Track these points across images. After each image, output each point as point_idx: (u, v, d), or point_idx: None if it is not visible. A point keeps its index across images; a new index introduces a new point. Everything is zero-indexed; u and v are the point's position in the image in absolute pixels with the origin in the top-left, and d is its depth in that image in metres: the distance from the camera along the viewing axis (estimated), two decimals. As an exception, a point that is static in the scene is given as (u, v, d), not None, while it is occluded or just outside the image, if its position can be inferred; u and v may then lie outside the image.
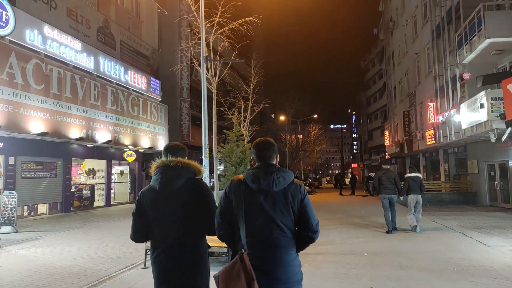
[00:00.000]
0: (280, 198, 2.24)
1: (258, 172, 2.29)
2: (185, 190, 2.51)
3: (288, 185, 2.28)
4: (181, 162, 2.59)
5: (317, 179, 50.20)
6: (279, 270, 2.18)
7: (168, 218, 2.49)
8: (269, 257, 2.19)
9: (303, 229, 2.29)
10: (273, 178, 2.25)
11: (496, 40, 12.67)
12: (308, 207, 2.32)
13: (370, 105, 57.75)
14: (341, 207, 17.64)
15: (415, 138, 24.07)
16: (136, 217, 2.60)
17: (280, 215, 2.23)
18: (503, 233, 8.95)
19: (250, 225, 2.22)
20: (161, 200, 2.51)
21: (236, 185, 2.32)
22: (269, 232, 2.21)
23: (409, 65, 25.98)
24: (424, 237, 8.74)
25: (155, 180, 2.55)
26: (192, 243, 2.51)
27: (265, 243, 2.21)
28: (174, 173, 2.53)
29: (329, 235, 9.43)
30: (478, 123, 13.22)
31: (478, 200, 17.78)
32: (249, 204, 2.24)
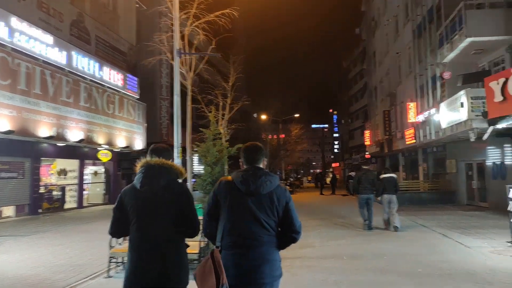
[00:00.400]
0: (266, 200, 2.39)
1: (247, 175, 2.42)
2: (166, 191, 2.56)
3: (274, 188, 2.43)
4: (165, 163, 2.64)
5: (298, 179, 50.20)
6: (262, 266, 2.32)
7: (147, 217, 2.54)
8: (253, 254, 2.33)
9: (287, 230, 2.47)
10: (261, 182, 2.39)
11: (476, 39, 12.64)
12: (292, 209, 2.48)
13: (351, 105, 58.09)
14: (322, 207, 17.43)
15: (395, 138, 24.16)
16: (116, 213, 2.65)
17: (265, 216, 2.37)
18: (482, 233, 8.83)
19: (236, 224, 2.36)
20: (141, 199, 2.55)
21: (224, 185, 2.44)
22: (254, 231, 2.35)
23: (390, 65, 26.07)
24: (404, 238, 8.53)
25: (137, 179, 2.60)
26: (168, 243, 2.53)
27: (250, 241, 2.34)
28: (156, 173, 2.58)
29: (308, 237, 9.11)
30: (458, 122, 13.18)
31: (456, 199, 17.89)
32: (237, 205, 2.38)
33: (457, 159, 17.85)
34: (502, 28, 12.44)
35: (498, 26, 12.47)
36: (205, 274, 2.26)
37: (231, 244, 2.36)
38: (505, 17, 12.44)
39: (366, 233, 9.56)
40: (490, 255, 6.58)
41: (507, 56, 13.25)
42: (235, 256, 2.32)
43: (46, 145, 16.50)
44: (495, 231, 9.08)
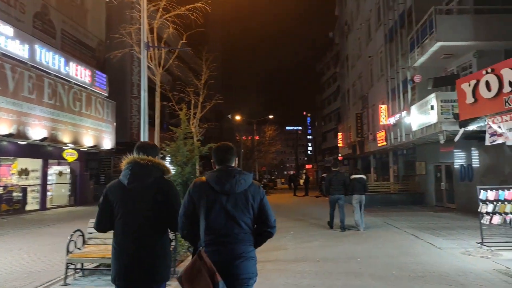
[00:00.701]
0: (241, 198, 2.43)
1: (221, 175, 2.45)
2: (153, 187, 2.61)
3: (248, 186, 2.47)
4: (151, 160, 2.68)
5: (272, 180, 50.25)
6: (238, 263, 2.37)
7: (133, 213, 2.58)
8: (230, 252, 2.37)
9: (263, 225, 2.52)
10: (236, 181, 2.43)
11: (446, 44, 12.91)
12: (267, 205, 2.53)
13: (324, 107, 58.85)
14: (295, 208, 17.34)
15: (367, 140, 24.52)
16: (102, 208, 2.68)
17: (240, 214, 2.42)
18: (452, 234, 8.94)
19: (212, 223, 2.39)
20: (128, 195, 2.60)
21: (199, 186, 2.47)
22: (230, 229, 2.39)
23: (362, 68, 26.47)
24: (377, 240, 8.50)
25: (124, 175, 2.64)
26: (155, 238, 2.60)
27: (226, 239, 2.38)
28: (143, 170, 2.63)
29: (281, 239, 8.92)
30: (428, 125, 13.41)
31: (425, 200, 18.29)
32: (212, 204, 2.40)
33: (427, 161, 18.26)
34: (470, 34, 12.77)
35: (466, 32, 12.79)
36: (194, 276, 2.26)
37: (209, 242, 2.40)
38: (473, 23, 12.79)
39: (339, 234, 9.48)
40: (461, 256, 6.60)
41: (475, 61, 13.63)
42: (213, 253, 2.36)
43: (6, 144, 15.51)
44: (464, 232, 9.22)
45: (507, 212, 6.99)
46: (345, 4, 32.66)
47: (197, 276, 2.24)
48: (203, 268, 2.24)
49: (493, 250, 6.83)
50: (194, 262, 2.30)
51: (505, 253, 6.60)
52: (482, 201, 7.12)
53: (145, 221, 2.58)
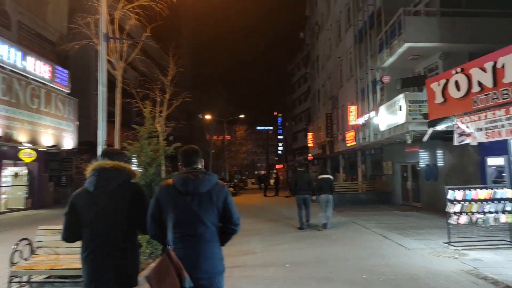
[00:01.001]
0: (206, 198, 2.52)
1: (186, 176, 2.55)
2: (120, 191, 2.65)
3: (212, 186, 2.57)
4: (118, 165, 2.71)
5: (243, 180, 49.97)
6: (204, 261, 2.45)
7: (102, 218, 2.59)
8: (195, 251, 2.45)
9: (227, 223, 2.62)
10: (200, 181, 2.53)
11: (413, 45, 13.09)
12: (231, 204, 2.64)
13: (295, 107, 59.23)
14: (265, 209, 17.12)
15: (336, 140, 24.73)
16: (68, 217, 2.66)
17: (205, 213, 2.51)
18: (420, 234, 8.98)
19: (178, 223, 2.47)
20: (95, 201, 2.61)
21: (165, 189, 2.57)
22: (195, 228, 2.48)
23: (332, 69, 26.69)
24: (347, 241, 8.38)
25: (89, 182, 2.65)
26: (125, 242, 2.62)
27: (192, 238, 2.46)
28: (109, 175, 2.65)
29: (250, 242, 8.62)
30: (396, 125, 13.56)
31: (392, 199, 18.61)
32: (178, 205, 2.50)
33: (393, 161, 18.59)
34: (437, 36, 13.02)
35: (433, 34, 13.03)
36: (162, 274, 2.33)
37: (176, 241, 2.47)
38: (439, 25, 13.04)
39: (309, 236, 9.31)
40: (429, 257, 6.56)
41: (441, 63, 13.93)
42: (180, 252, 2.43)
43: (-47, 143, 14.30)
44: (431, 231, 9.29)
45: (473, 212, 7.04)
46: (316, 4, 32.88)
47: (165, 274, 2.32)
48: (170, 266, 2.32)
49: (460, 250, 6.86)
50: (162, 260, 2.38)
51: (471, 253, 6.63)
52: (449, 201, 7.14)
53: (114, 226, 2.61)
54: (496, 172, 9.88)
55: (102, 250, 2.55)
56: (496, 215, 6.96)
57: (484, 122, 6.23)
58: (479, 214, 7.01)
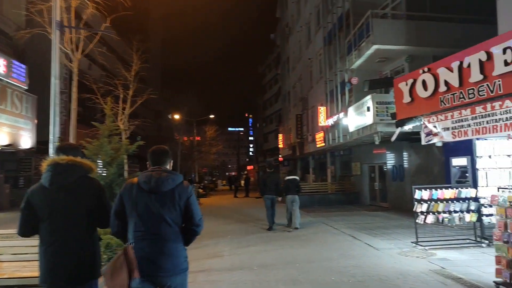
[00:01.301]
0: (169, 197, 2.54)
1: (150, 175, 2.57)
2: (78, 187, 2.63)
3: (176, 185, 2.58)
4: (72, 160, 2.68)
5: (213, 181, 49.36)
6: (166, 260, 2.46)
7: (59, 214, 2.57)
8: (157, 249, 2.46)
9: (188, 223, 2.62)
10: (163, 180, 2.55)
11: (381, 47, 13.26)
12: (193, 204, 2.64)
13: (266, 108, 59.27)
14: (235, 210, 16.83)
15: (306, 141, 24.83)
16: (24, 212, 2.65)
17: (168, 212, 2.52)
18: (388, 234, 9.01)
19: (141, 222, 2.50)
20: (50, 197, 2.59)
21: (129, 187, 2.58)
22: (158, 226, 2.49)
23: (302, 70, 26.82)
24: (316, 242, 8.25)
25: (44, 177, 2.63)
26: (83, 236, 2.62)
27: (154, 237, 2.48)
28: (64, 170, 2.63)
29: (217, 245, 8.32)
30: (364, 126, 13.69)
31: (361, 200, 18.85)
32: (141, 203, 2.51)
33: (361, 162, 18.84)
34: (403, 39, 13.27)
35: (399, 36, 13.27)
36: (116, 270, 2.34)
37: (138, 240, 2.48)
38: (406, 28, 13.30)
39: (278, 237, 9.12)
40: (398, 257, 6.52)
41: (407, 65, 14.21)
42: (141, 250, 2.43)
43: None
44: (398, 231, 9.35)
45: (439, 211, 7.09)
46: (286, 6, 33.00)
47: (117, 271, 2.33)
48: (124, 264, 2.33)
49: (427, 249, 6.88)
50: (119, 256, 2.40)
51: (438, 252, 6.66)
52: (417, 200, 7.16)
53: (72, 220, 2.59)
54: (460, 172, 10.10)
55: (61, 243, 2.54)
56: (461, 214, 7.05)
57: (451, 122, 6.28)
58: (445, 214, 7.07)
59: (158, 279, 2.45)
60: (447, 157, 10.39)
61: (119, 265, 2.36)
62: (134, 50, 10.38)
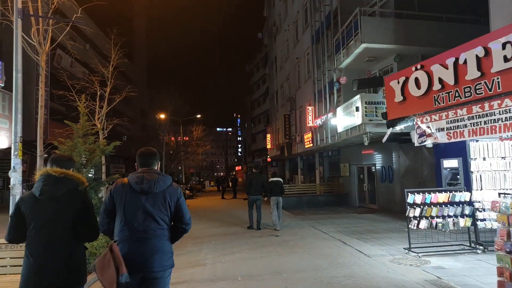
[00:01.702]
0: (160, 198, 2.72)
1: (141, 176, 2.73)
2: (67, 199, 2.70)
3: (166, 187, 2.77)
4: (65, 172, 2.76)
5: (201, 182, 48.74)
6: (154, 256, 2.63)
7: (48, 223, 2.64)
8: (146, 246, 2.63)
9: (178, 222, 2.83)
10: (155, 181, 2.72)
11: (370, 46, 12.99)
12: (183, 205, 2.85)
13: (254, 109, 58.89)
14: (221, 212, 16.35)
15: (294, 142, 24.50)
16: (13, 219, 2.72)
17: (158, 211, 2.70)
18: (379, 238, 8.68)
19: (131, 220, 2.65)
20: (40, 207, 2.66)
21: (120, 187, 2.74)
22: (148, 225, 2.66)
23: (290, 70, 26.48)
24: (304, 249, 7.85)
25: (36, 187, 2.71)
26: (68, 247, 2.67)
27: (144, 234, 2.65)
28: (56, 182, 2.71)
29: (200, 251, 7.86)
30: (353, 126, 13.39)
31: (349, 201, 18.59)
32: (132, 203, 2.68)
33: (350, 163, 18.57)
34: (391, 37, 13.01)
35: (388, 35, 13.02)
36: (105, 266, 2.47)
37: (127, 238, 2.60)
38: (394, 27, 13.05)
39: (265, 243, 8.69)
40: (391, 265, 6.17)
41: (395, 65, 13.97)
42: (130, 248, 2.57)
43: None
44: (389, 235, 9.04)
45: (433, 216, 6.78)
46: (273, 5, 32.64)
47: (106, 267, 2.45)
48: (112, 260, 2.44)
49: (421, 256, 6.55)
50: (106, 254, 2.50)
51: (432, 260, 6.33)
52: (409, 204, 6.82)
53: (57, 231, 2.64)
54: (451, 174, 9.86)
55: (46, 253, 2.59)
56: (455, 219, 6.74)
57: (445, 122, 5.96)
58: (439, 218, 6.76)
59: (148, 274, 2.59)
60: (438, 158, 10.14)
61: (106, 262, 2.47)
62: (112, 44, 9.79)
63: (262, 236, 9.67)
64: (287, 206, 18.05)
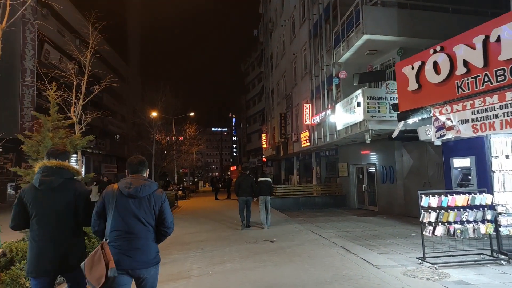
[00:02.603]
0: (145, 202, 2.98)
1: (130, 182, 3.00)
2: (63, 187, 3.04)
3: (152, 192, 3.02)
4: (60, 164, 3.09)
5: (195, 182, 47.81)
6: (140, 255, 2.89)
7: (47, 211, 2.97)
8: (133, 245, 2.88)
9: (161, 225, 3.08)
10: (141, 187, 2.97)
11: (372, 37, 12.18)
12: (166, 209, 3.10)
13: (249, 108, 58.10)
14: (213, 214, 15.46)
15: (290, 141, 23.66)
16: (16, 209, 3.03)
17: (144, 214, 2.96)
18: (385, 245, 7.84)
19: (119, 222, 2.90)
20: (40, 196, 2.98)
21: (111, 191, 2.99)
22: (134, 226, 2.92)
23: (286, 67, 25.67)
24: (303, 257, 6.99)
25: (35, 178, 3.03)
26: (68, 231, 3.02)
27: (131, 235, 2.90)
28: (53, 173, 3.02)
29: (186, 260, 6.98)
30: (354, 123, 12.58)
31: (348, 203, 17.79)
32: (120, 206, 2.93)
33: (349, 163, 17.76)
34: (395, 29, 12.21)
35: (392, 26, 12.21)
36: (94, 263, 2.72)
37: (116, 237, 2.88)
38: (398, 17, 12.25)
39: (259, 250, 7.83)
40: (405, 279, 5.32)
41: (398, 59, 13.17)
42: (119, 247, 2.85)
43: None
44: (396, 241, 8.20)
45: (450, 222, 5.95)
46: (269, 1, 31.82)
47: (96, 263, 2.71)
48: (102, 257, 2.72)
49: (437, 267, 5.72)
50: (96, 251, 2.78)
51: (451, 272, 5.50)
52: (424, 208, 5.99)
53: (57, 217, 2.98)
54: (461, 174, 9.04)
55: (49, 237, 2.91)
56: (475, 225, 5.92)
57: (470, 112, 5.14)
58: (457, 224, 5.93)
59: (135, 272, 2.86)
60: (447, 157, 9.32)
61: (97, 258, 2.71)
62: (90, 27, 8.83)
63: (256, 241, 8.80)
64: (283, 207, 17.23)
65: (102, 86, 9.36)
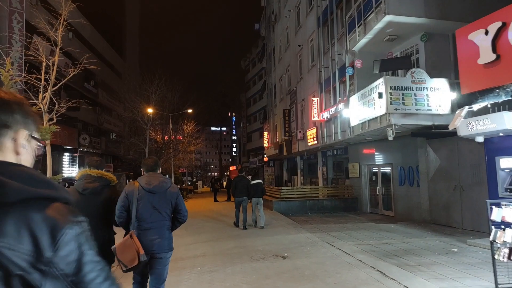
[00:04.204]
0: (163, 196, 3.59)
1: (149, 179, 3.61)
2: (101, 193, 3.49)
3: (168, 187, 3.64)
4: (100, 173, 3.57)
5: (193, 183, 46.33)
6: (160, 240, 3.50)
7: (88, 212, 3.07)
8: (154, 233, 3.49)
9: (177, 214, 3.71)
10: (159, 183, 3.60)
11: (395, 19, 10.63)
12: (181, 201, 3.72)
13: (249, 106, 56.61)
14: (212, 219, 13.90)
15: (295, 139, 22.10)
16: None
17: (162, 207, 3.57)
18: (427, 265, 6.29)
19: (142, 213, 3.49)
20: (84, 200, 3.37)
21: (132, 187, 3.57)
22: (155, 217, 3.53)
23: (290, 60, 24.11)
24: (330, 284, 5.43)
25: (78, 184, 3.49)
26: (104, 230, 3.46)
27: (152, 225, 3.50)
28: (94, 180, 3.50)
29: (178, 285, 5.44)
30: (372, 118, 11.03)
31: (359, 206, 16.26)
32: (142, 200, 3.52)
33: (360, 163, 16.21)
34: (421, 9, 10.68)
35: (417, 6, 10.67)
36: (126, 248, 3.32)
37: (139, 226, 3.48)
38: (425, -4, 10.69)
39: (269, 270, 6.27)
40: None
41: (422, 46, 11.65)
42: (141, 235, 3.44)
43: None
44: (439, 260, 6.64)
45: (532, 242, 4.41)
46: (272, -7, 30.27)
47: (127, 249, 3.29)
48: (132, 244, 3.29)
49: (519, 306, 4.18)
50: (126, 239, 3.36)
51: (545, 315, 3.97)
52: (495, 224, 4.45)
53: (95, 218, 3.33)
54: (510, 177, 7.53)
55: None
56: None
57: None
58: (541, 245, 4.39)
59: (154, 255, 3.48)
60: (491, 156, 7.80)
61: (128, 244, 3.33)
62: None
63: (265, 257, 7.23)
64: (289, 211, 15.71)
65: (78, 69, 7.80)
